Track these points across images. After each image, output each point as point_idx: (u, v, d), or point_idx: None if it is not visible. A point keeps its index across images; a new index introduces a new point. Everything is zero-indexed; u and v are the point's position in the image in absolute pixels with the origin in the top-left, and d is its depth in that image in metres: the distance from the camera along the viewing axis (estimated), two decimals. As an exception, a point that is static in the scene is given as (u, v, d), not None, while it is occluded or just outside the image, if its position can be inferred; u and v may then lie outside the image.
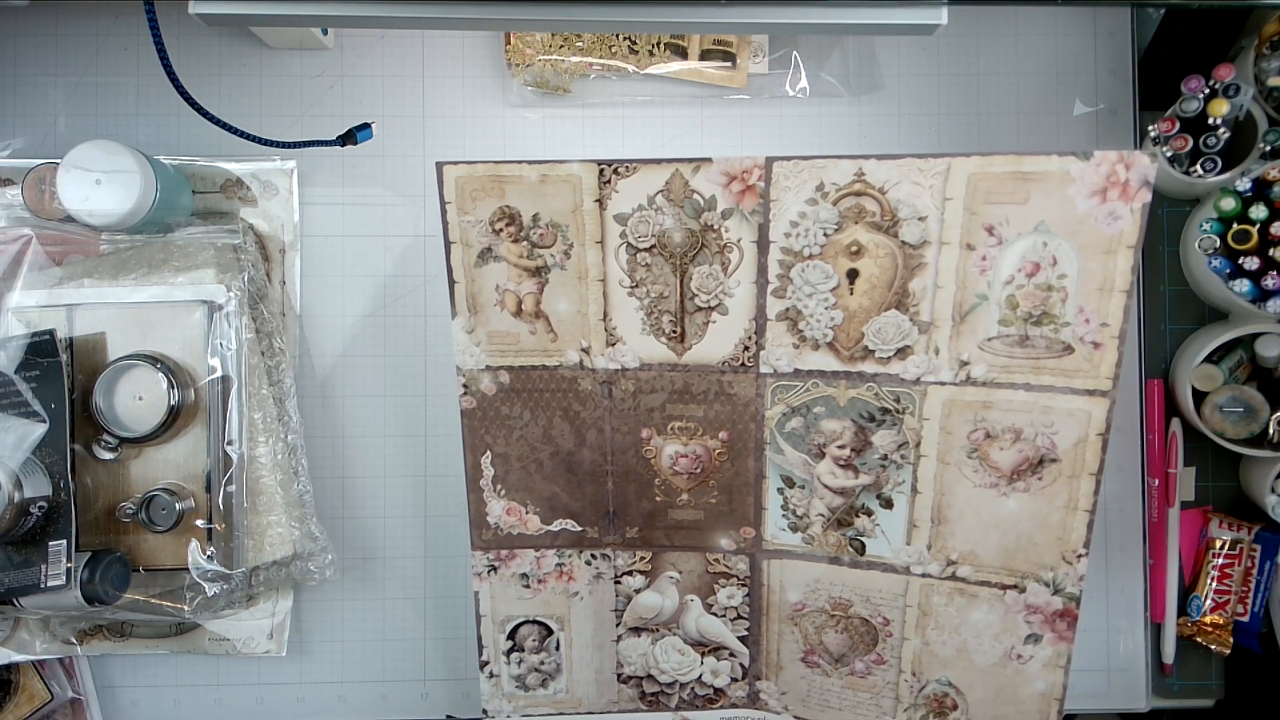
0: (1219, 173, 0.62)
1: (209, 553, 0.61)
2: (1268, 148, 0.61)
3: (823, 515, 0.58)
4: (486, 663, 0.63)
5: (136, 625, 0.67)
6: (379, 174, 0.70)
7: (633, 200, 0.53)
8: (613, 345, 0.56)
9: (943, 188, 0.51)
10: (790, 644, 0.61)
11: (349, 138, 0.65)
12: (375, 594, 0.70)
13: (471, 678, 0.71)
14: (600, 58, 0.68)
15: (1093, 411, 0.52)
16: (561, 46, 0.67)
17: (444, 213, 0.54)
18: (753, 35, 0.68)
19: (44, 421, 0.58)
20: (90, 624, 0.66)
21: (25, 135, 0.69)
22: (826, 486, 0.57)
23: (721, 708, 0.63)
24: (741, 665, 0.62)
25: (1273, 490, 0.64)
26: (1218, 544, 0.68)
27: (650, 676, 0.63)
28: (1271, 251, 0.58)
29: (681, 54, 0.68)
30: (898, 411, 0.55)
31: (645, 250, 0.54)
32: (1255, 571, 0.68)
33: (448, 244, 0.55)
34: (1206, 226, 0.60)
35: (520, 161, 0.52)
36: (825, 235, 0.53)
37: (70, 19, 0.70)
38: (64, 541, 0.57)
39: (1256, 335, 0.64)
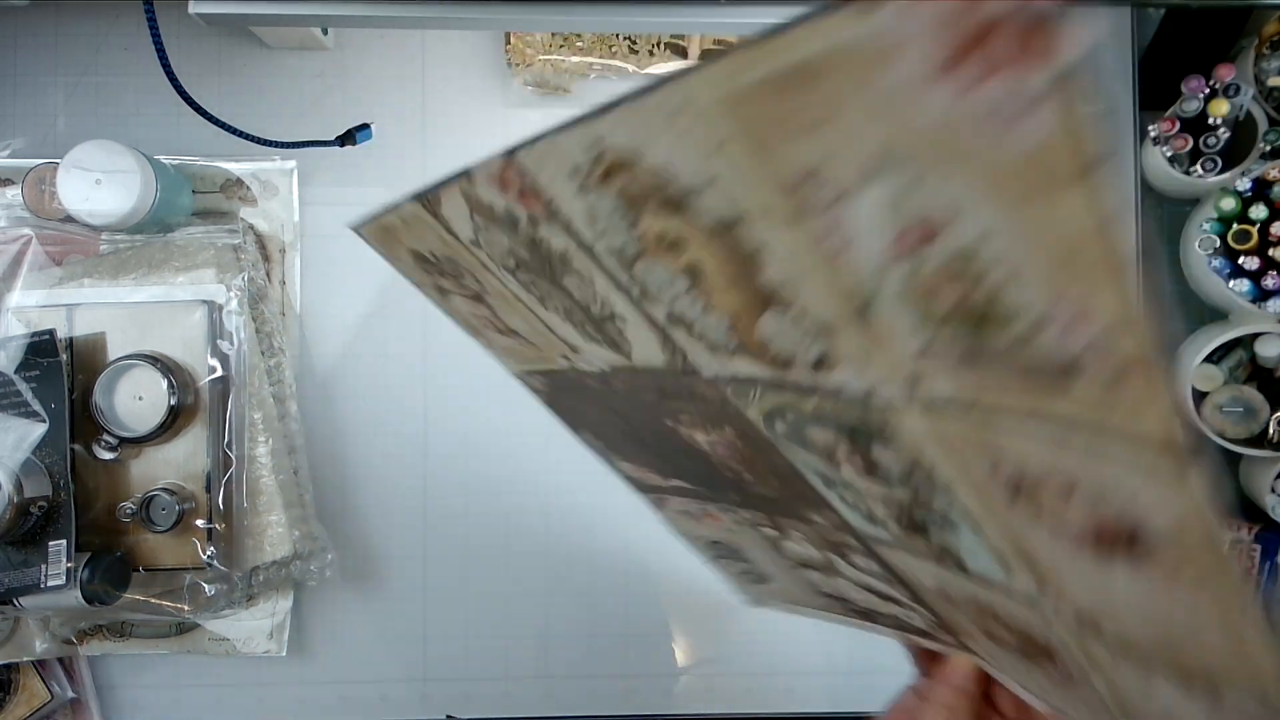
0: (1219, 173, 0.62)
1: (209, 553, 0.61)
2: (1268, 148, 0.61)
3: (890, 513, 0.39)
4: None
5: (136, 625, 0.67)
6: (379, 174, 0.70)
7: (464, 225, 0.40)
8: (576, 352, 0.45)
9: (703, 132, 0.28)
10: (962, 619, 0.42)
11: (348, 138, 0.65)
12: (375, 594, 0.70)
13: (471, 678, 0.71)
14: (600, 58, 0.68)
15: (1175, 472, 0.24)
16: (561, 46, 0.67)
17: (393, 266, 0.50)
18: (752, 35, 0.68)
19: (44, 421, 0.58)
20: (90, 624, 0.66)
21: (25, 135, 0.69)
22: (863, 491, 0.39)
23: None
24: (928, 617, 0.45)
25: (1273, 490, 0.64)
26: (1218, 544, 0.68)
27: (847, 599, 0.52)
28: (1271, 251, 0.58)
29: (681, 54, 0.68)
30: (879, 430, 0.33)
31: (515, 271, 0.42)
32: (1255, 571, 0.68)
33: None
34: (1206, 226, 0.60)
35: (386, 209, 0.42)
36: (630, 229, 0.34)
37: (70, 19, 0.70)
38: (64, 541, 0.57)
39: (1256, 335, 0.64)
